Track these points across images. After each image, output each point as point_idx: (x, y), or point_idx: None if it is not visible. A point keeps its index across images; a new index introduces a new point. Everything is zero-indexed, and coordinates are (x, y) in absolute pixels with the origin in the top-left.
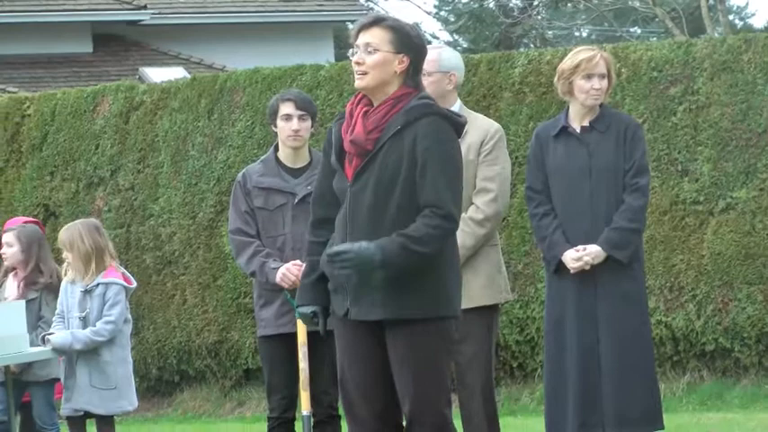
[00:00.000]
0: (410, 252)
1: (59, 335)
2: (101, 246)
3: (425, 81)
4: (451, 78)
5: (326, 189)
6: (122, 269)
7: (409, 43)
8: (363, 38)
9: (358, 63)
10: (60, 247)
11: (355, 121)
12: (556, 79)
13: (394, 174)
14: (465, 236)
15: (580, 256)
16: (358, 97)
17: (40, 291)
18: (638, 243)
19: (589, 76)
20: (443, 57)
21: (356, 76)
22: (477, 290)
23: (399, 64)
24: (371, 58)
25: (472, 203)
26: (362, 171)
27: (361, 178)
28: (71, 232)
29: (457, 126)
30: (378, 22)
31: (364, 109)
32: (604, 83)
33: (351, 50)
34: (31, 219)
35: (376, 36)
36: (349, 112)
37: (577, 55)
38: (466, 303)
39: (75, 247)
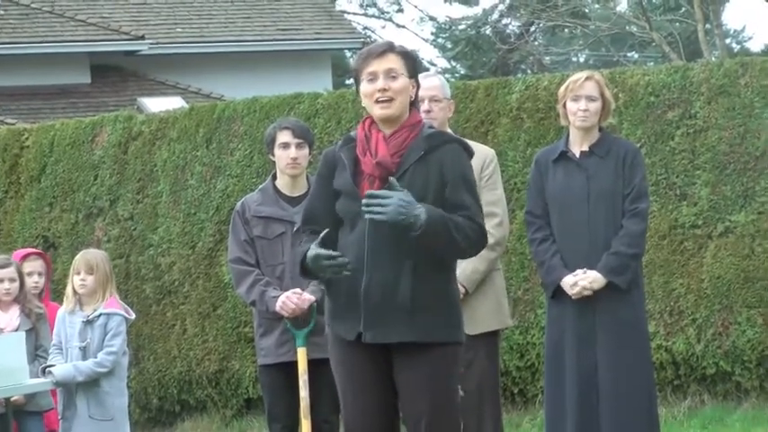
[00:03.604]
0: (447, 229)
1: (61, 368)
2: (112, 275)
3: (436, 107)
4: (451, 107)
5: (319, 211)
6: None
7: (416, 68)
8: (382, 64)
9: (384, 90)
10: (78, 270)
11: (376, 144)
12: (558, 106)
13: (421, 197)
14: (478, 261)
15: (576, 281)
16: (367, 123)
17: (36, 320)
18: (636, 268)
19: (576, 98)
20: (445, 83)
21: (380, 104)
22: (485, 314)
23: (412, 89)
24: (396, 83)
25: None
26: None
27: None
28: (94, 254)
29: (470, 153)
30: (392, 48)
31: (381, 134)
32: (593, 105)
33: (365, 78)
34: (37, 250)
35: (394, 62)
36: (363, 137)
37: (568, 78)
38: (474, 329)
39: (101, 269)
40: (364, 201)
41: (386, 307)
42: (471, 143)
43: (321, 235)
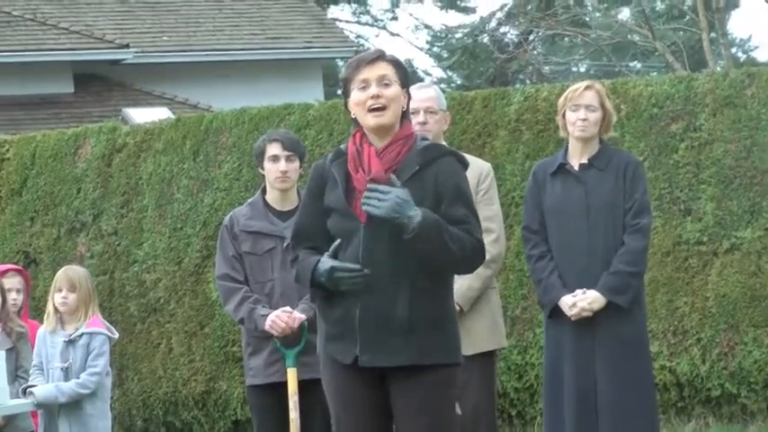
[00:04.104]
0: (441, 235)
1: (43, 388)
2: (95, 293)
3: (431, 119)
4: (447, 118)
5: (310, 228)
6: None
7: (407, 78)
8: (374, 71)
9: (377, 96)
10: (60, 287)
11: (369, 159)
12: (557, 117)
13: None
14: (473, 278)
15: (575, 302)
16: (357, 137)
17: (17, 339)
18: (638, 286)
19: (575, 108)
20: (441, 95)
21: (373, 113)
22: (481, 334)
23: (403, 100)
24: (389, 90)
25: None
26: None
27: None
28: (76, 271)
29: (465, 166)
30: (383, 56)
31: (372, 148)
32: (593, 115)
33: (356, 87)
34: (16, 266)
35: (386, 69)
36: (355, 151)
37: (568, 88)
38: (469, 349)
39: (83, 286)
40: (365, 193)
41: (383, 330)
42: (467, 156)
43: (333, 246)
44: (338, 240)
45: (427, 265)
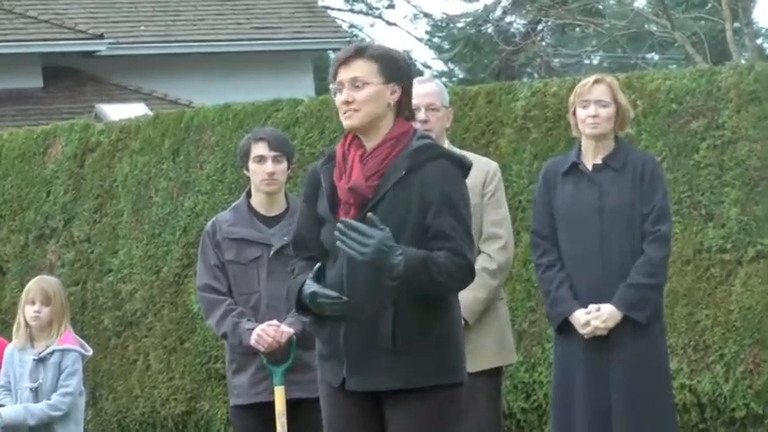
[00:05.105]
0: (428, 272)
1: (11, 408)
2: (67, 306)
3: (433, 117)
4: (449, 116)
5: (307, 237)
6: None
7: (398, 69)
8: (347, 72)
9: (347, 102)
10: (32, 300)
11: (351, 165)
12: (568, 115)
13: (400, 224)
14: (478, 288)
15: (588, 320)
16: (348, 138)
17: None
18: (657, 300)
19: (585, 104)
20: (443, 90)
21: (345, 115)
22: (488, 350)
23: (392, 94)
24: (361, 93)
25: (481, 252)
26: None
27: None
28: (50, 282)
29: (464, 169)
30: (359, 53)
31: (359, 152)
32: (604, 111)
33: (333, 88)
34: None
35: (361, 68)
36: (341, 156)
37: (579, 83)
38: (474, 365)
39: (58, 299)
40: (339, 229)
41: (369, 350)
42: (471, 155)
43: (314, 270)
44: (318, 264)
45: (413, 297)
